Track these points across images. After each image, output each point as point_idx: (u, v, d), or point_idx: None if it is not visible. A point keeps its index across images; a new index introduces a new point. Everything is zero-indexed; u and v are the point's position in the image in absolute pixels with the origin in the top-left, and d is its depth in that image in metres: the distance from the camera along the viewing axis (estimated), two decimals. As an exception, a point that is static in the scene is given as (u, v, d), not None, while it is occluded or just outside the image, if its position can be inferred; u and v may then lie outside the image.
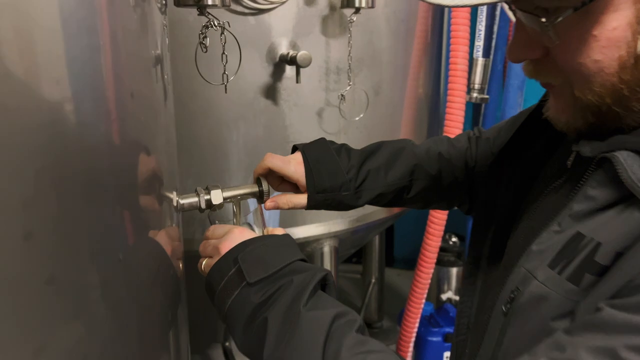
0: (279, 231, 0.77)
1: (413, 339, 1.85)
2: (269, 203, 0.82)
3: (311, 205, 0.83)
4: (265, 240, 0.68)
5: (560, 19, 0.46)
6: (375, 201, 0.87)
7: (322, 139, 0.87)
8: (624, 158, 0.47)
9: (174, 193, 0.62)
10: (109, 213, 0.43)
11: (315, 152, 0.83)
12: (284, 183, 0.85)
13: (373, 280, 2.54)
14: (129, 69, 0.47)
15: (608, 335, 0.43)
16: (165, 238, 0.58)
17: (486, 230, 0.74)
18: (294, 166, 0.82)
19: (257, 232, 0.77)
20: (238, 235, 0.69)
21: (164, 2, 0.60)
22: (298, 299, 0.59)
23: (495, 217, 0.73)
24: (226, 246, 0.67)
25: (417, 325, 1.82)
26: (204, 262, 0.72)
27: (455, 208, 0.97)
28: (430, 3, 0.47)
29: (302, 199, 0.83)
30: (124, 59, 0.46)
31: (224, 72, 0.82)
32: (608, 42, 0.46)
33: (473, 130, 0.93)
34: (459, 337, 0.78)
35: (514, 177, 0.72)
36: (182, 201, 0.72)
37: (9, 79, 0.31)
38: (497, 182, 0.74)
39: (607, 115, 0.50)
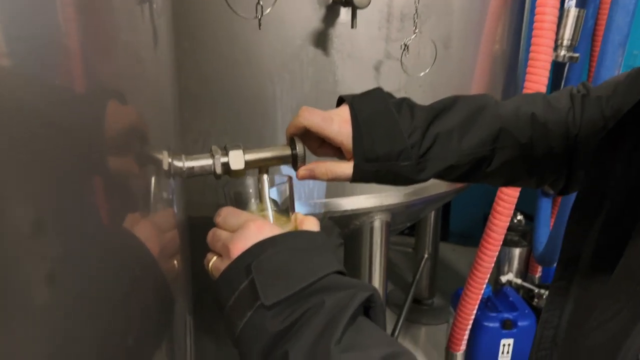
0: (311, 222, 0.60)
1: (470, 324, 1.69)
2: (302, 171, 0.65)
3: (358, 177, 0.65)
4: (289, 241, 0.51)
5: None
6: (444, 174, 0.68)
7: (378, 90, 0.68)
8: None
9: (165, 153, 0.46)
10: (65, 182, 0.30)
11: (368, 107, 0.64)
12: (324, 146, 0.68)
13: (426, 255, 2.38)
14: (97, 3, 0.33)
15: None
16: (149, 227, 0.43)
17: (591, 222, 0.56)
18: (338, 124, 0.63)
19: (280, 218, 0.60)
20: (255, 231, 0.52)
21: None
22: (329, 331, 0.43)
23: (605, 205, 0.54)
24: (238, 247, 0.51)
25: (475, 310, 1.65)
26: (211, 261, 0.55)
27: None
28: None
29: (346, 168, 0.64)
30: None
31: (259, 2, 0.65)
32: None
33: (578, 86, 0.72)
34: (541, 351, 0.61)
35: (637, 154, 0.52)
36: (189, 163, 0.56)
37: None
38: (611, 159, 0.55)
39: None
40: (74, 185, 0.31)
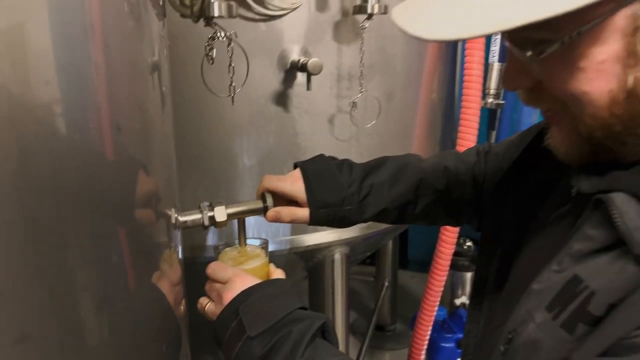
0: (279, 272, 0.78)
1: (426, 345, 1.83)
2: (270, 213, 0.82)
3: (314, 220, 0.82)
4: (265, 289, 0.70)
5: (546, 52, 0.45)
6: (380, 217, 0.85)
7: (322, 155, 0.86)
8: (620, 201, 0.45)
9: (173, 210, 0.61)
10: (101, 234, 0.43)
11: (315, 167, 0.83)
12: (291, 204, 0.85)
13: (386, 283, 2.52)
14: (122, 75, 0.47)
15: None
16: (167, 284, 0.58)
17: (493, 250, 0.72)
18: (291, 183, 0.82)
19: (256, 269, 0.78)
20: (240, 284, 0.70)
21: (161, 8, 0.59)
22: (295, 350, 0.61)
23: (503, 238, 0.71)
24: (228, 297, 0.69)
25: (429, 331, 1.80)
26: (206, 305, 0.74)
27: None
28: (412, 35, 0.45)
29: (304, 212, 0.82)
30: (117, 65, 0.45)
31: (231, 84, 0.81)
32: (596, 74, 0.44)
33: (483, 145, 0.90)
34: (466, 356, 0.77)
35: (519, 198, 0.69)
36: (183, 218, 0.71)
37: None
38: (504, 202, 0.72)
39: (600, 149, 0.48)
40: (104, 240, 0.45)
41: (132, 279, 0.47)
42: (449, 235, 1.60)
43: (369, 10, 1.08)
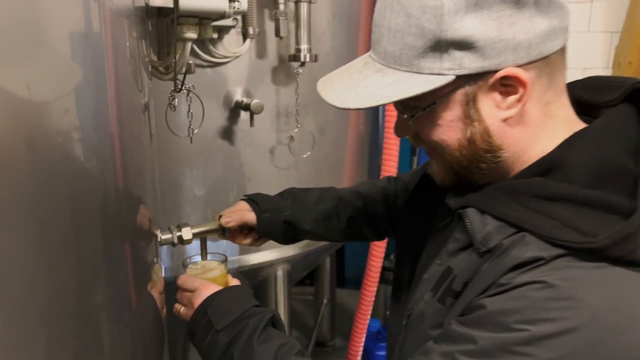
0: (235, 280, 0.96)
1: (360, 354, 2.00)
2: (224, 219, 1.00)
3: (261, 224, 1.01)
4: (226, 293, 0.87)
5: (416, 115, 0.66)
6: (313, 231, 1.05)
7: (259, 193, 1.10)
8: (471, 214, 0.65)
9: (159, 230, 0.76)
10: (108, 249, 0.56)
11: (255, 194, 1.06)
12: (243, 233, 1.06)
13: (325, 301, 2.67)
14: (127, 114, 0.61)
15: (451, 344, 0.60)
16: (157, 291, 0.72)
17: (406, 254, 0.91)
18: (238, 206, 1.03)
19: (216, 278, 0.94)
20: (205, 291, 0.86)
21: (149, 72, 0.74)
22: (252, 336, 0.77)
23: (412, 243, 0.90)
24: (197, 301, 0.85)
25: (363, 340, 1.97)
26: (181, 309, 0.90)
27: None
28: (329, 103, 0.66)
29: (252, 216, 1.02)
30: (124, 106, 0.60)
31: (190, 126, 0.96)
32: (448, 129, 0.65)
33: (395, 175, 1.13)
34: (390, 341, 0.94)
35: (422, 213, 0.89)
36: (160, 237, 0.86)
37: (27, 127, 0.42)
38: (411, 215, 0.92)
39: (460, 176, 0.69)
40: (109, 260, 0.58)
41: (134, 287, 0.61)
42: (378, 250, 1.79)
43: (302, 59, 1.26)
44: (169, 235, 0.88)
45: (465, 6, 0.58)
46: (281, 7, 1.21)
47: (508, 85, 0.62)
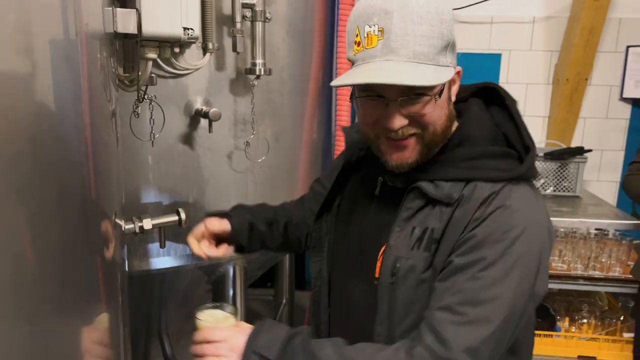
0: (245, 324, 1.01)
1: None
2: (210, 223, 1.15)
3: (235, 228, 1.17)
4: (260, 328, 0.92)
5: (439, 97, 0.89)
6: (267, 232, 1.22)
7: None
8: (425, 185, 0.91)
9: (123, 221, 0.87)
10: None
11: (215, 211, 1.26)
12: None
13: (284, 301, 2.78)
14: (98, 119, 0.73)
15: (466, 270, 0.84)
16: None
17: (323, 246, 1.10)
18: (209, 220, 1.19)
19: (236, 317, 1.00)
20: (239, 335, 0.91)
21: (116, 84, 0.86)
22: (306, 349, 0.87)
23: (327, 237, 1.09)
24: (239, 345, 0.89)
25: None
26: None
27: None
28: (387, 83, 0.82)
29: (226, 223, 1.17)
30: (97, 112, 0.71)
31: (152, 132, 1.08)
32: (441, 108, 0.90)
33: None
34: (318, 296, 1.13)
35: (353, 201, 1.08)
36: (124, 227, 0.97)
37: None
38: (346, 206, 1.09)
39: (427, 154, 0.92)
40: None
41: (102, 264, 0.72)
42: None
43: (257, 72, 1.39)
44: (131, 225, 0.99)
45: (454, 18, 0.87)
46: (238, 25, 1.33)
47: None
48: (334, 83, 0.88)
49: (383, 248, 0.94)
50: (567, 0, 2.80)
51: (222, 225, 1.18)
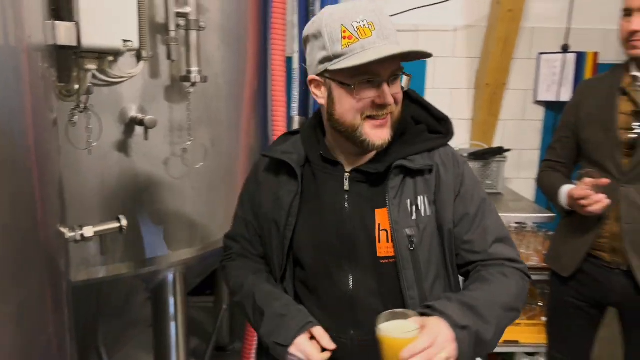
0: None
1: (254, 354, 2.16)
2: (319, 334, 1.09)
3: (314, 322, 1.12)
4: (444, 309, 0.98)
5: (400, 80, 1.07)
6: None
7: None
8: (405, 163, 1.08)
9: (66, 229, 0.87)
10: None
11: None
12: None
13: (225, 307, 2.78)
14: (41, 128, 0.74)
15: (480, 207, 1.13)
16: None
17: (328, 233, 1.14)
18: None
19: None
20: (435, 324, 0.95)
21: (55, 95, 0.86)
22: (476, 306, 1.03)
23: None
24: (446, 332, 0.94)
25: (256, 341, 2.13)
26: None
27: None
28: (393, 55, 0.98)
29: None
30: (40, 121, 0.72)
31: (89, 140, 1.08)
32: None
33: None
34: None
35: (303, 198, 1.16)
36: (72, 234, 0.96)
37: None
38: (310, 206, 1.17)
39: (394, 129, 1.08)
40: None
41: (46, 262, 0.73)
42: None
43: (192, 80, 1.42)
44: (73, 233, 0.99)
45: None
46: (172, 33, 1.35)
47: None
48: (352, 63, 0.97)
49: (377, 229, 1.08)
50: (484, 11, 3.00)
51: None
